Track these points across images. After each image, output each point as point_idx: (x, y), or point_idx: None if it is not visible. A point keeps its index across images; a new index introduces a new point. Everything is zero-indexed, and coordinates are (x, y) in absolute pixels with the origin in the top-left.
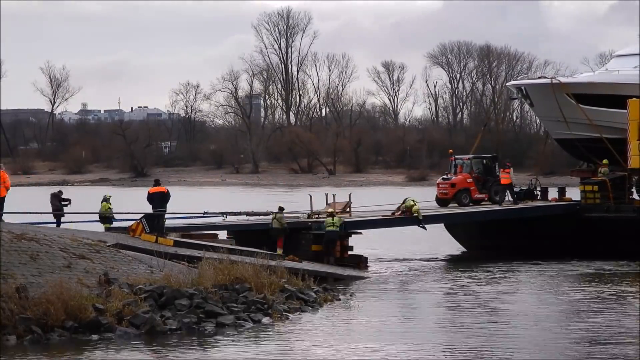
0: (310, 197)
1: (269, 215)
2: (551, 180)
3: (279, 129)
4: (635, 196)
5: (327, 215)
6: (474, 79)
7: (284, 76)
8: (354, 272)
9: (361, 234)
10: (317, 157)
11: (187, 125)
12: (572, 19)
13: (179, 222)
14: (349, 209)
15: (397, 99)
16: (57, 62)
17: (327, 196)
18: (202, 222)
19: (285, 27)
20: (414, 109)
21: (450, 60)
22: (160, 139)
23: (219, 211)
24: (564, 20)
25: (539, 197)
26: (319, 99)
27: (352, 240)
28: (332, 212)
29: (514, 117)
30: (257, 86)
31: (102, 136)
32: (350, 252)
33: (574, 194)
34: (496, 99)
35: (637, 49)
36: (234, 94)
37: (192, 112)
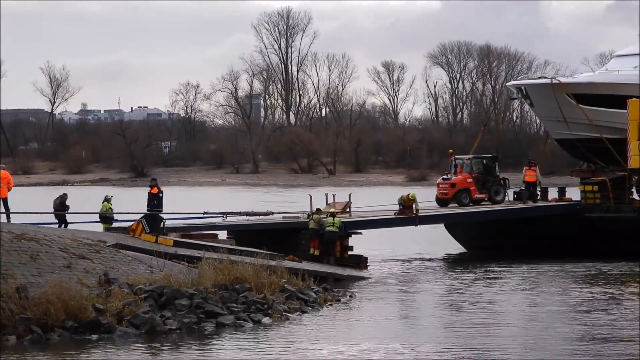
0: (310, 197)
1: (269, 215)
2: (551, 180)
3: (279, 129)
4: (635, 196)
5: (327, 215)
6: (474, 79)
7: (284, 76)
8: (354, 272)
9: (361, 234)
10: (317, 157)
11: (187, 125)
12: (570, 18)
13: (179, 222)
14: (349, 209)
15: (397, 99)
16: (57, 62)
17: (327, 196)
18: (202, 222)
19: (285, 27)
20: (414, 109)
21: (450, 60)
22: (160, 139)
23: (219, 211)
24: (561, 20)
25: (539, 197)
26: (319, 99)
27: (352, 240)
28: (333, 212)
29: (514, 117)
30: (257, 86)
31: (102, 136)
32: (350, 252)
33: (574, 194)
34: (496, 99)
35: (637, 49)
36: (234, 94)
37: (192, 112)
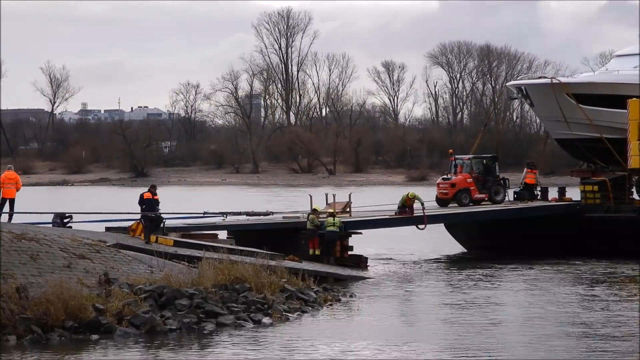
0: (310, 197)
1: (269, 215)
2: (551, 180)
3: (279, 129)
4: (635, 196)
5: (327, 215)
6: (474, 79)
7: (284, 76)
8: (354, 272)
9: (361, 234)
10: (317, 157)
11: (187, 125)
12: (565, 18)
13: (179, 222)
14: (349, 209)
15: (397, 98)
16: (57, 62)
17: (327, 196)
18: (202, 222)
19: (285, 27)
20: (414, 109)
21: (450, 60)
22: (160, 139)
23: (219, 211)
24: (556, 19)
25: (539, 197)
26: (319, 99)
27: (352, 240)
28: (333, 212)
29: (514, 117)
30: (257, 86)
31: (102, 136)
32: (350, 252)
33: (574, 194)
34: (496, 99)
35: (637, 49)
36: (234, 94)
37: (192, 112)
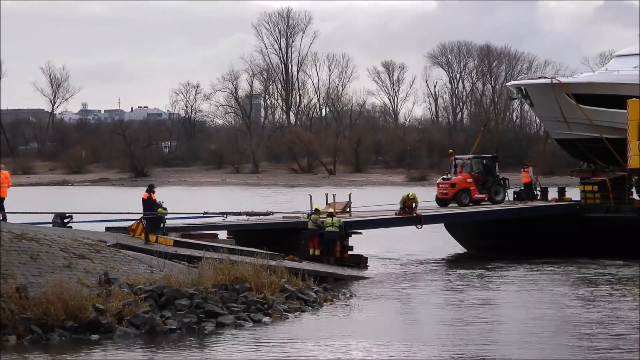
0: (310, 197)
1: (269, 215)
2: (551, 180)
3: (279, 129)
4: (635, 196)
5: (327, 215)
6: (474, 79)
7: (284, 76)
8: (354, 272)
9: (361, 234)
10: (317, 157)
11: (187, 125)
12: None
13: (179, 222)
14: (349, 209)
15: (397, 99)
16: (57, 62)
17: (327, 196)
18: (202, 222)
19: (285, 27)
20: (414, 109)
21: (450, 60)
22: (160, 139)
23: (219, 211)
24: (557, 19)
25: (539, 197)
26: (319, 99)
27: (352, 240)
28: (332, 212)
29: (514, 117)
30: (257, 86)
31: (102, 136)
32: (350, 252)
33: (574, 194)
34: (496, 99)
35: (637, 49)
36: (234, 94)
37: (192, 112)
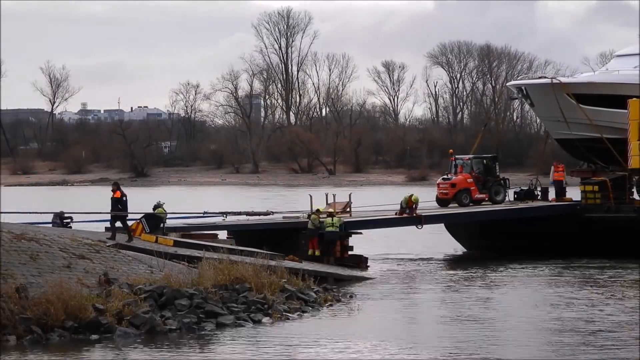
0: (310, 197)
1: (269, 215)
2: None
3: (279, 128)
4: (635, 196)
5: (327, 215)
6: (474, 78)
7: (284, 76)
8: (354, 272)
9: (361, 234)
10: (317, 157)
11: (187, 125)
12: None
13: (179, 222)
14: (349, 209)
15: (397, 98)
16: (57, 62)
17: (327, 196)
18: (202, 222)
19: (285, 27)
20: (414, 108)
21: (450, 60)
22: (160, 138)
23: (219, 211)
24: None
25: (539, 197)
26: (319, 98)
27: (352, 240)
28: (332, 212)
29: (514, 117)
30: (257, 86)
31: (102, 136)
32: (350, 252)
33: (574, 194)
34: (496, 99)
35: (637, 49)
36: (234, 94)
37: (192, 112)
